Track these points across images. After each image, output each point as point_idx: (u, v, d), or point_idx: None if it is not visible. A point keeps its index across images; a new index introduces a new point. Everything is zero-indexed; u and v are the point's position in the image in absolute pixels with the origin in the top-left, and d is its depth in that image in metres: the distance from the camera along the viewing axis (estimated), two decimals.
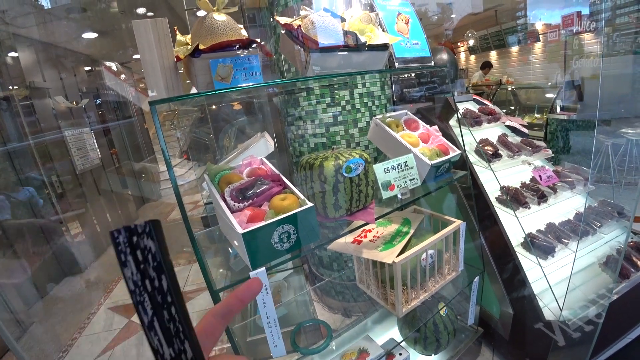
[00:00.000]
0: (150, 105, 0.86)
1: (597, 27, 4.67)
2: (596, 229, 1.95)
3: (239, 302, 0.37)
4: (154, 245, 0.27)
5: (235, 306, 0.37)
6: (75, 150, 4.20)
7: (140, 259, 0.27)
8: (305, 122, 2.17)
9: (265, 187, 1.08)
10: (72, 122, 4.32)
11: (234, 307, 0.37)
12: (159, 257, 0.27)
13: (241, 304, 0.37)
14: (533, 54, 6.76)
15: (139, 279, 0.27)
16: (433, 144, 1.58)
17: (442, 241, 1.50)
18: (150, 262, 0.27)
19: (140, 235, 0.26)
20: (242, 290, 0.38)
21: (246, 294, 0.38)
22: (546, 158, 2.17)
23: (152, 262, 0.27)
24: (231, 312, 0.37)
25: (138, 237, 0.26)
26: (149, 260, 0.27)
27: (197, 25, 1.04)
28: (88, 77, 5.19)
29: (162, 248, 0.27)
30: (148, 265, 0.27)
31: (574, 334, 1.63)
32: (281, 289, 2.49)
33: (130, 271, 0.27)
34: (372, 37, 1.23)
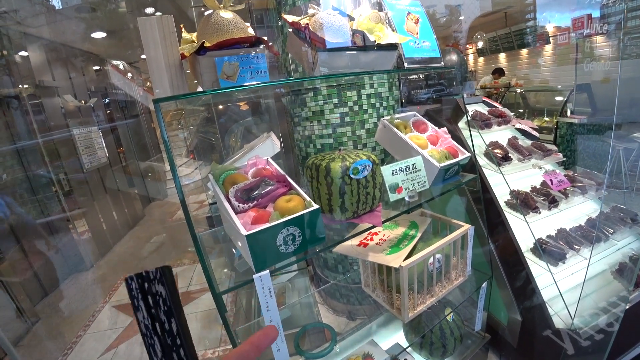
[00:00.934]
0: (154, 103, 0.85)
1: (609, 29, 4.60)
2: (609, 236, 1.90)
3: (255, 349, 0.37)
4: (164, 290, 0.28)
5: (252, 353, 0.36)
6: (83, 149, 4.23)
7: (151, 304, 0.28)
8: (312, 122, 2.15)
9: (271, 188, 1.06)
10: (80, 120, 4.36)
11: (250, 355, 0.36)
12: (169, 301, 0.29)
13: (257, 351, 0.37)
14: (542, 56, 6.69)
15: (150, 322, 0.29)
16: (442, 146, 1.55)
17: (450, 245, 1.46)
18: (161, 306, 0.29)
19: (152, 282, 0.28)
20: (259, 337, 0.38)
21: (263, 341, 0.37)
22: (557, 162, 2.13)
23: (163, 306, 0.29)
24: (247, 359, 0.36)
25: (150, 283, 0.28)
26: (160, 305, 0.29)
27: (203, 23, 1.03)
28: (97, 76, 5.23)
29: (172, 293, 0.29)
30: (159, 310, 0.29)
31: (584, 343, 1.59)
32: (285, 291, 2.47)
33: (142, 315, 0.29)
34: (381, 37, 1.21)
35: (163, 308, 0.28)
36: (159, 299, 0.28)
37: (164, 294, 0.28)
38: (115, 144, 5.29)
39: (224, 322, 0.94)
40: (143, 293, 0.28)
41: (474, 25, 7.11)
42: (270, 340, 0.38)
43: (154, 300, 0.28)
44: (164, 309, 0.28)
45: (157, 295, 0.28)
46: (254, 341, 0.37)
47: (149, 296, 0.28)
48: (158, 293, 0.28)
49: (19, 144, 3.52)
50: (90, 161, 4.33)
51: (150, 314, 0.28)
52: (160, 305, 0.28)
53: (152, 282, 0.28)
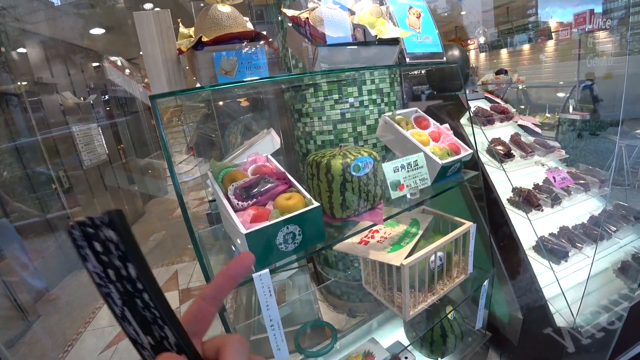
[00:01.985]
0: (150, 100, 0.83)
1: (611, 25, 4.56)
2: (611, 234, 1.89)
3: (230, 281, 0.34)
4: (115, 235, 0.25)
5: (226, 285, 0.34)
6: (83, 146, 4.22)
7: (100, 250, 0.25)
8: (313, 118, 2.13)
9: (270, 186, 1.04)
10: (79, 117, 4.34)
11: (225, 287, 0.34)
12: (123, 246, 0.25)
13: (233, 282, 0.34)
14: (544, 52, 6.64)
15: (101, 270, 0.26)
16: (444, 142, 1.53)
17: (452, 243, 1.45)
18: (113, 252, 0.26)
19: (99, 227, 0.25)
20: (233, 266, 0.34)
21: (237, 270, 0.34)
22: (560, 159, 2.11)
23: (116, 252, 0.26)
24: (222, 291, 0.34)
25: (96, 229, 0.25)
26: (112, 251, 0.25)
27: (201, 17, 1.01)
28: (96, 73, 5.21)
29: (125, 237, 0.26)
30: (112, 256, 0.26)
31: (586, 341, 1.58)
32: (286, 288, 2.46)
33: (91, 265, 0.26)
34: (383, 31, 1.19)
35: (117, 254, 0.26)
36: (109, 244, 0.25)
37: (116, 239, 0.25)
38: (115, 141, 5.27)
39: (223, 321, 0.93)
40: (88, 240, 0.25)
41: (475, 20, 7.05)
42: (244, 268, 0.34)
43: (103, 247, 0.25)
44: (117, 254, 0.26)
45: (107, 240, 0.25)
46: (228, 271, 0.34)
47: (96, 243, 0.25)
48: (108, 238, 0.25)
49: (18, 141, 3.51)
50: (90, 158, 4.32)
51: (100, 261, 0.26)
52: (112, 252, 0.25)
53: (98, 228, 0.25)
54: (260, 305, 0.93)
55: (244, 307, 2.45)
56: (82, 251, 0.26)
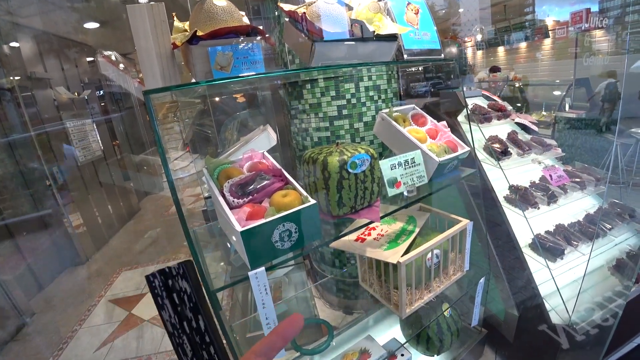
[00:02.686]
0: (144, 95, 0.82)
1: (608, 24, 4.58)
2: (606, 232, 1.89)
3: (281, 340, 0.36)
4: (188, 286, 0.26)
5: (278, 344, 0.36)
6: (77, 142, 4.17)
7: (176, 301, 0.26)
8: (309, 115, 2.12)
9: (266, 183, 1.03)
10: (73, 113, 4.29)
11: (276, 345, 0.35)
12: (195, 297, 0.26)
13: (284, 342, 0.36)
14: (541, 50, 6.66)
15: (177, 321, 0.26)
16: (441, 140, 1.52)
17: (448, 241, 1.45)
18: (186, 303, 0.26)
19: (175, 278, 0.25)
20: (284, 327, 0.37)
21: (289, 331, 0.36)
22: (556, 157, 2.11)
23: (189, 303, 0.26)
24: (272, 350, 0.35)
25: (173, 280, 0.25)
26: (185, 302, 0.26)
27: (196, 11, 0.99)
28: (90, 68, 5.14)
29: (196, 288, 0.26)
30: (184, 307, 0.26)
31: (581, 338, 1.59)
32: (282, 285, 2.46)
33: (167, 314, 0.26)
34: (381, 27, 1.17)
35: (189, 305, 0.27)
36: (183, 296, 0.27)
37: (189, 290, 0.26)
38: (110, 137, 5.22)
39: (219, 319, 0.92)
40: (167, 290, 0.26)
41: (473, 18, 7.05)
42: (296, 330, 0.37)
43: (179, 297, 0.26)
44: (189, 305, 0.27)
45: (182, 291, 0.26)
46: (280, 331, 0.36)
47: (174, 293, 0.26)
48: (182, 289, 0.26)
49: (10, 136, 3.46)
50: (84, 154, 4.28)
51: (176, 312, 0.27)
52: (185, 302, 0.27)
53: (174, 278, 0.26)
54: (257, 303, 0.92)
55: (240, 305, 2.44)
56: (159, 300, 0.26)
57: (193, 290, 0.22)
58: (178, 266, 0.22)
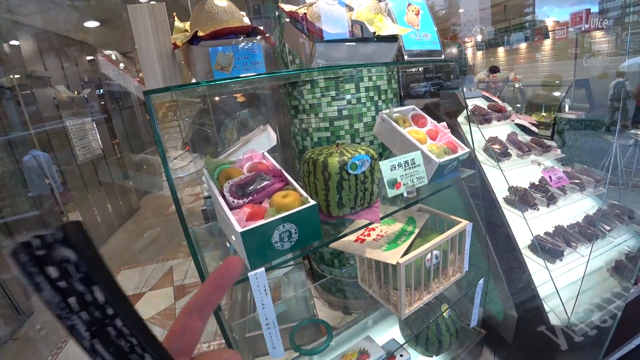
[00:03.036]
0: (144, 95, 0.82)
1: (608, 25, 4.58)
2: (605, 233, 1.90)
3: (217, 291, 0.30)
4: (73, 253, 0.21)
5: (214, 296, 0.30)
6: (77, 141, 4.17)
7: (56, 276, 0.21)
8: (309, 115, 2.12)
9: (266, 183, 1.03)
10: (73, 112, 4.28)
11: (212, 298, 0.30)
12: (84, 266, 0.21)
13: (220, 292, 0.30)
14: (541, 51, 6.66)
15: (61, 299, 0.21)
16: (441, 141, 1.52)
17: (448, 242, 1.45)
18: (73, 275, 0.21)
19: (51, 247, 0.21)
20: (219, 274, 0.31)
21: (224, 279, 0.31)
22: (556, 158, 2.11)
23: (77, 274, 0.21)
24: (209, 304, 0.30)
25: (49, 250, 0.20)
26: (71, 274, 0.21)
27: (197, 11, 0.99)
28: (90, 66, 5.14)
29: (86, 254, 0.21)
30: (72, 280, 0.21)
31: (579, 340, 1.59)
32: (281, 285, 2.46)
33: (48, 294, 0.21)
34: (381, 28, 1.17)
35: (78, 276, 0.21)
36: (66, 267, 0.21)
37: (74, 259, 0.21)
38: (109, 136, 5.22)
39: (218, 320, 0.92)
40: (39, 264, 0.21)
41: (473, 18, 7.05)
42: (232, 275, 0.31)
43: (60, 270, 0.21)
44: (79, 277, 0.21)
45: (64, 262, 0.21)
46: (214, 280, 0.31)
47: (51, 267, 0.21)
48: (64, 259, 0.21)
49: (10, 135, 3.46)
50: (84, 153, 4.28)
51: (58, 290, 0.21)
52: (71, 275, 0.21)
53: (51, 247, 0.20)
54: (256, 304, 0.93)
55: (239, 304, 2.44)
56: (32, 278, 0.21)
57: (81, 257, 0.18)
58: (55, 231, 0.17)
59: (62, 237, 0.21)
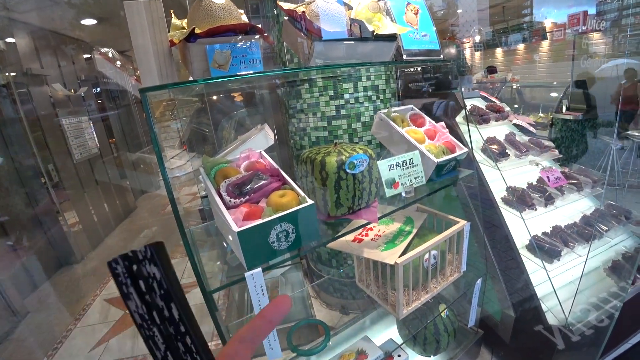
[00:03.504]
0: (140, 93, 0.81)
1: (605, 26, 4.60)
2: (603, 233, 1.90)
3: (267, 324, 0.34)
4: (158, 271, 0.24)
5: (263, 329, 0.34)
6: (73, 139, 4.14)
7: (144, 289, 0.24)
8: (307, 114, 2.11)
9: (264, 183, 1.02)
10: (70, 110, 4.25)
11: (262, 330, 0.33)
12: (166, 283, 0.24)
13: (269, 326, 0.34)
14: (538, 52, 6.68)
15: (145, 311, 0.24)
16: (439, 140, 1.52)
17: (446, 242, 1.45)
18: (156, 290, 0.24)
19: (142, 262, 0.23)
20: (269, 310, 0.34)
21: (274, 314, 0.34)
22: (553, 159, 2.12)
23: (159, 290, 0.24)
24: (259, 335, 0.33)
25: (139, 265, 0.23)
26: (155, 289, 0.24)
27: (194, 8, 0.98)
28: (87, 64, 5.11)
29: (168, 273, 0.24)
30: (154, 295, 0.24)
31: (576, 339, 1.59)
32: (278, 285, 2.45)
33: (134, 304, 0.24)
34: (380, 27, 1.17)
35: (159, 292, 0.24)
36: (152, 282, 0.24)
37: (159, 276, 0.24)
38: (106, 135, 5.19)
39: (214, 321, 0.91)
40: (132, 277, 0.24)
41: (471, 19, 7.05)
42: (282, 312, 0.35)
43: (146, 285, 0.24)
44: (160, 293, 0.24)
45: (150, 277, 0.24)
46: (266, 315, 0.34)
47: (141, 280, 0.24)
48: (151, 275, 0.24)
49: (5, 133, 3.43)
50: (80, 152, 4.25)
51: (144, 302, 0.24)
52: (155, 290, 0.24)
53: (141, 263, 0.24)
54: (253, 304, 0.92)
55: (237, 304, 2.43)
56: (124, 288, 0.24)
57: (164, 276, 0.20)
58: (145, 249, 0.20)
59: (150, 254, 0.23)
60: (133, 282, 0.24)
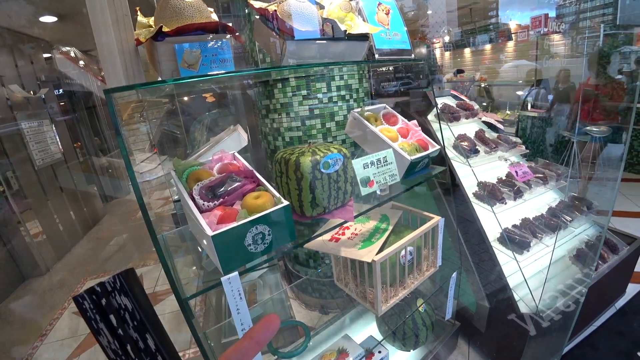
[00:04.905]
0: (105, 94, 0.77)
1: (564, 28, 4.85)
2: (567, 223, 2.00)
3: (254, 345, 0.32)
4: (129, 301, 0.22)
5: (250, 350, 0.32)
6: (34, 144, 3.91)
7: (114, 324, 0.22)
8: (281, 115, 2.09)
9: (238, 185, 1.00)
10: (29, 113, 4.01)
11: (249, 352, 0.32)
12: (139, 314, 0.22)
13: (258, 347, 0.32)
14: (504, 52, 6.95)
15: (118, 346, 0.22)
16: (412, 138, 1.55)
17: (421, 237, 1.47)
18: (129, 322, 0.22)
19: (111, 294, 0.22)
20: (258, 330, 0.33)
21: (263, 334, 0.33)
22: (521, 154, 2.21)
23: (132, 322, 0.22)
24: (247, 356, 0.32)
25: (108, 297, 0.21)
26: (128, 321, 0.22)
27: (162, 6, 0.95)
28: (48, 65, 4.83)
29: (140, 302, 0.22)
30: (128, 327, 0.22)
31: (547, 325, 1.67)
32: (256, 288, 2.42)
33: (106, 340, 0.22)
34: (352, 27, 1.17)
35: (132, 324, 0.23)
36: (124, 314, 0.22)
37: (130, 307, 0.22)
38: (70, 139, 4.93)
39: (191, 328, 0.88)
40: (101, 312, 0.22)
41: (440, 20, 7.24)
42: (271, 332, 0.33)
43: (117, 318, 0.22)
44: (133, 324, 0.23)
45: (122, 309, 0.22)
46: (253, 335, 0.33)
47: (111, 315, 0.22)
48: (122, 307, 0.22)
49: None
50: (42, 157, 4.02)
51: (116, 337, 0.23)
52: (127, 322, 0.23)
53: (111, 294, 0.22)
54: (231, 309, 0.90)
55: (214, 310, 2.38)
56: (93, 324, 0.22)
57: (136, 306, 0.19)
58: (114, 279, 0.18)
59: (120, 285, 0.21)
60: (103, 318, 0.22)
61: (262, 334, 0.33)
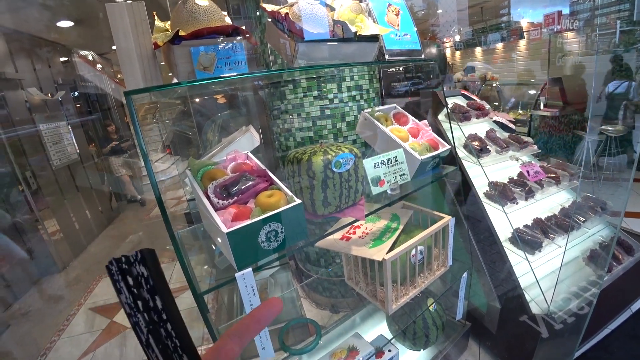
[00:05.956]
0: (125, 96, 0.80)
1: (578, 26, 4.77)
2: (580, 224, 1.98)
3: (256, 324, 0.35)
4: (146, 270, 0.29)
5: (253, 328, 0.35)
6: (51, 145, 4.02)
7: (132, 284, 0.30)
8: (292, 115, 2.12)
9: (251, 183, 1.03)
10: (47, 115, 4.13)
11: (251, 328, 0.35)
12: (153, 280, 0.30)
13: (259, 326, 0.35)
14: (516, 51, 6.86)
15: (132, 301, 0.30)
16: (423, 138, 1.55)
17: (432, 237, 1.48)
18: (143, 285, 0.30)
19: (132, 264, 0.29)
20: (260, 310, 0.36)
21: (264, 314, 0.36)
22: (532, 154, 2.19)
23: (145, 285, 0.30)
24: (248, 332, 0.35)
25: (130, 266, 0.29)
26: (142, 284, 0.30)
27: (178, 10, 0.98)
28: (64, 68, 4.96)
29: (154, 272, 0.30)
30: (142, 289, 0.30)
31: (559, 327, 1.65)
32: (268, 286, 2.44)
33: (124, 296, 0.30)
34: (362, 28, 1.19)
35: (146, 287, 0.30)
36: (140, 279, 0.29)
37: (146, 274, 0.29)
38: (86, 140, 5.06)
39: (207, 322, 0.91)
40: (123, 275, 0.29)
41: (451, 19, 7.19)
42: (273, 313, 0.36)
43: (135, 281, 0.29)
44: (146, 287, 0.30)
45: (139, 275, 0.29)
46: (256, 314, 0.35)
47: (130, 277, 0.29)
48: (140, 273, 0.29)
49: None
50: (59, 158, 4.13)
51: (132, 294, 0.30)
52: (142, 285, 0.29)
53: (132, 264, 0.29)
54: (244, 304, 0.92)
55: (226, 307, 2.42)
56: (117, 284, 0.29)
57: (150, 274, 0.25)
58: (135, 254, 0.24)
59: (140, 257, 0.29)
60: (123, 279, 0.29)
61: (264, 314, 0.35)
